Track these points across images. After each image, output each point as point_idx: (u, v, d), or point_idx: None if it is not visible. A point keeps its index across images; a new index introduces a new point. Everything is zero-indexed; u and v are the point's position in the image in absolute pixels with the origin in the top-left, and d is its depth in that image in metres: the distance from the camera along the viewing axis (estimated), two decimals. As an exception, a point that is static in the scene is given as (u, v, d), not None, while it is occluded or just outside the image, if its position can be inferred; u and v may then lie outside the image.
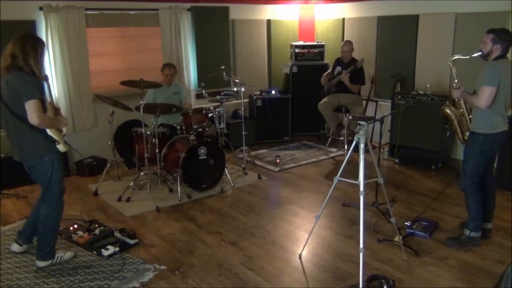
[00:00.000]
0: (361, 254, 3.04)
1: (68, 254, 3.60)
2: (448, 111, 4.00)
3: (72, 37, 5.47)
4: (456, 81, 3.79)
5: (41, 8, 5.26)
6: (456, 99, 3.90)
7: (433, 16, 5.99)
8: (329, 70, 6.57)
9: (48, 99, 3.44)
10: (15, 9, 5.12)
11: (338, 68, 6.32)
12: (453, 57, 3.92)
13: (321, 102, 6.34)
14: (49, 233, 3.45)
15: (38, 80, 3.15)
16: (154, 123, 4.83)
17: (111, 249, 3.65)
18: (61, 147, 3.32)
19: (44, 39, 5.31)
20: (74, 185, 5.29)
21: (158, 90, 5.40)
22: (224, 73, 5.66)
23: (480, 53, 3.56)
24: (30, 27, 5.24)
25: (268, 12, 7.32)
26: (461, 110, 3.91)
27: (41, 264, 3.46)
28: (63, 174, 3.45)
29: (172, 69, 5.58)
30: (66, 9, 5.37)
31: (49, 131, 3.25)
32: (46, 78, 3.49)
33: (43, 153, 3.24)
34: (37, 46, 3.19)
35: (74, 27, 5.47)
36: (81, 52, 5.59)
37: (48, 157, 3.25)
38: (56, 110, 3.53)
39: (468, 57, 3.73)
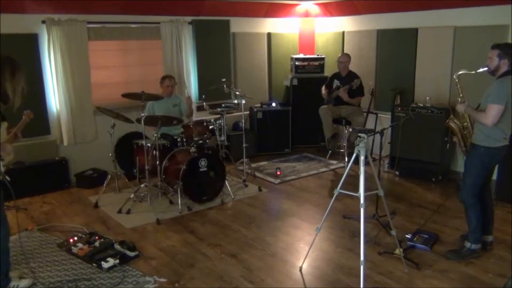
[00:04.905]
0: (361, 267, 3.04)
1: (24, 282, 3.33)
2: (452, 125, 3.99)
3: (74, 50, 5.51)
4: (461, 95, 3.78)
5: (43, 22, 5.31)
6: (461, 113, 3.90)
7: (432, 29, 6.04)
8: (327, 82, 6.58)
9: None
10: (18, 22, 5.17)
11: (337, 82, 6.35)
12: (459, 72, 3.86)
13: (323, 106, 6.35)
14: None
15: None
16: (155, 135, 4.85)
17: (111, 261, 3.64)
18: None
19: (46, 52, 5.40)
20: (75, 197, 5.28)
21: (157, 102, 5.43)
22: (224, 86, 5.69)
23: (486, 68, 3.56)
24: (32, 40, 5.30)
25: (268, 25, 7.39)
26: (466, 123, 3.92)
27: None
28: (2, 200, 3.15)
29: (172, 80, 5.62)
30: (68, 23, 5.42)
31: None
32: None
33: None
34: (16, 71, 2.90)
35: (76, 40, 5.52)
36: (83, 65, 5.63)
37: None
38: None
39: (474, 72, 3.70)
